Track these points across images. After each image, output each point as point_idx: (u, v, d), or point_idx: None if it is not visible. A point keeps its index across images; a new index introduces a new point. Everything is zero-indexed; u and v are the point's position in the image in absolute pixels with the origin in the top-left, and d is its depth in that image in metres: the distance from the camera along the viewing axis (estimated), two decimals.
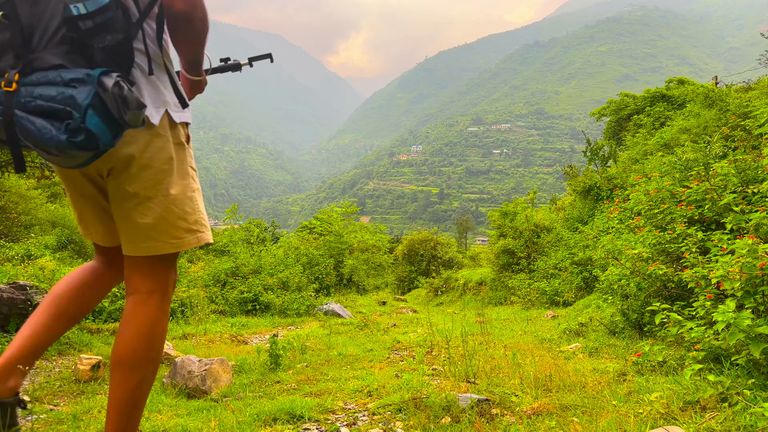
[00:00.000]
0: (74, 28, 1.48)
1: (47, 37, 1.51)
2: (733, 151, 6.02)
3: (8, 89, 1.45)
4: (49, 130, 1.41)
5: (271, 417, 2.96)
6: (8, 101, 1.44)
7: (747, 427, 2.35)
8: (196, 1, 1.70)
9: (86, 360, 4.03)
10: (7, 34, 1.49)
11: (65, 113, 1.41)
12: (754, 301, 3.19)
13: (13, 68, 1.48)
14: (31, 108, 1.43)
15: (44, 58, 1.49)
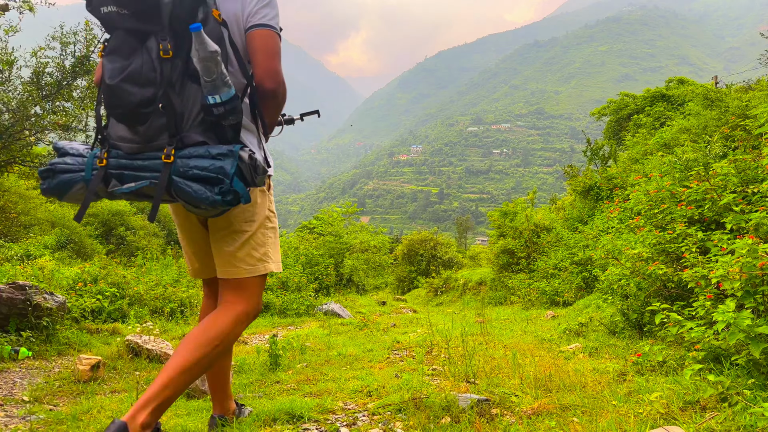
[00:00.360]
0: (210, 113, 1.96)
1: (191, 120, 1.99)
2: (733, 151, 6.02)
3: (167, 161, 1.91)
4: (204, 192, 1.86)
5: (270, 417, 2.96)
6: (167, 170, 1.90)
7: (747, 427, 2.35)
8: (279, 81, 2.18)
9: (86, 360, 4.03)
10: (164, 120, 1.95)
11: (217, 180, 1.86)
12: (754, 301, 3.18)
13: (169, 145, 1.94)
14: (188, 175, 1.89)
15: (190, 135, 1.98)
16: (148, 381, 4.01)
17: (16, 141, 6.84)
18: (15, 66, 6.73)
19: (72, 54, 7.02)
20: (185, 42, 1.96)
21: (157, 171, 1.93)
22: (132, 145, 2.01)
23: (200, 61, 1.91)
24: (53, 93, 6.87)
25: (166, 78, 1.94)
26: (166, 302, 7.82)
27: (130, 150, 2.01)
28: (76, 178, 2.02)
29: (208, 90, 1.94)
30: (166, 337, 6.09)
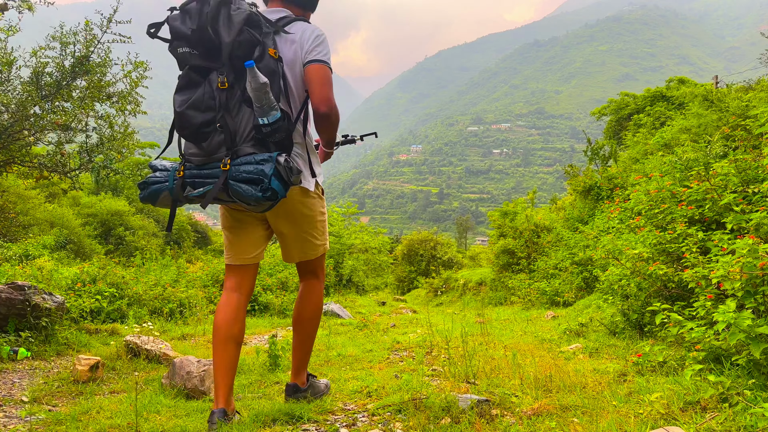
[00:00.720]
0: (259, 132, 2.46)
1: (244, 137, 2.49)
2: (733, 151, 6.01)
3: (224, 168, 2.42)
4: (250, 190, 2.35)
5: (270, 418, 2.95)
6: (224, 175, 2.41)
7: (747, 427, 2.34)
8: (332, 106, 2.63)
9: (84, 360, 4.02)
10: (222, 137, 2.47)
11: (259, 180, 2.35)
12: (755, 301, 3.18)
13: (226, 156, 2.46)
14: (239, 178, 2.38)
15: (243, 149, 2.49)
16: (147, 381, 4.00)
17: (15, 141, 6.84)
18: (14, 66, 6.72)
19: (72, 54, 7.00)
20: (243, 75, 2.45)
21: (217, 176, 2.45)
22: (199, 158, 2.55)
23: (252, 91, 2.40)
24: (53, 93, 6.86)
25: (223, 104, 2.45)
26: (165, 302, 7.81)
27: (198, 162, 2.55)
28: (163, 187, 2.57)
29: (259, 113, 2.44)
30: (165, 337, 6.08)
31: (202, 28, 2.42)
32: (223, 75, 2.45)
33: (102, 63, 7.16)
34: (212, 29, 2.42)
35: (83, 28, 7.03)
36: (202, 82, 2.48)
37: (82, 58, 7.01)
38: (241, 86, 2.47)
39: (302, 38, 2.68)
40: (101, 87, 7.21)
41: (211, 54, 2.47)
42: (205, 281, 10.01)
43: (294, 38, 2.67)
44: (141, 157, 28.75)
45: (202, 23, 2.42)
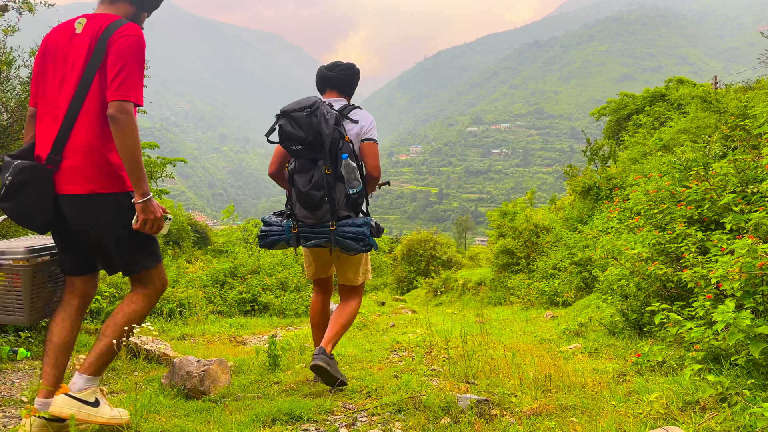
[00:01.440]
0: (349, 199, 3.41)
1: (341, 204, 3.41)
2: (732, 151, 6.02)
3: (332, 228, 3.36)
4: (354, 245, 3.35)
5: (270, 418, 2.95)
6: (333, 234, 3.36)
7: (746, 427, 2.35)
8: (380, 172, 3.61)
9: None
10: (328, 206, 3.36)
11: (361, 238, 3.35)
12: (754, 301, 3.18)
13: (331, 219, 3.38)
14: (345, 236, 3.35)
15: (341, 212, 3.42)
16: (146, 381, 4.01)
17: (14, 141, 6.83)
18: (13, 66, 6.71)
19: None
20: (337, 161, 3.37)
21: (326, 234, 3.41)
22: (312, 221, 3.47)
23: (346, 173, 3.36)
24: None
25: (329, 184, 3.34)
26: (164, 302, 7.82)
27: (311, 224, 3.47)
28: (281, 239, 3.58)
29: (348, 186, 3.38)
30: (165, 337, 6.09)
31: (315, 135, 3.29)
32: (326, 163, 3.33)
33: None
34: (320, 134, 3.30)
35: None
36: (313, 168, 3.36)
37: None
38: (337, 170, 3.38)
39: (363, 123, 3.59)
40: None
41: (316, 149, 3.33)
42: (205, 281, 10.01)
43: (356, 122, 3.58)
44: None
45: (314, 132, 3.29)
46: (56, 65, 2.56)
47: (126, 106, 2.44)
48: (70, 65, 2.52)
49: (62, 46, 2.57)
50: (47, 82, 2.57)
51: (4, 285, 2.67)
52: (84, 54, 2.50)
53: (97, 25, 2.54)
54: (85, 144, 2.50)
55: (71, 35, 2.56)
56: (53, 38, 2.63)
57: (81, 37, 2.53)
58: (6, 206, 2.47)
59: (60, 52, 2.57)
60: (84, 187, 2.50)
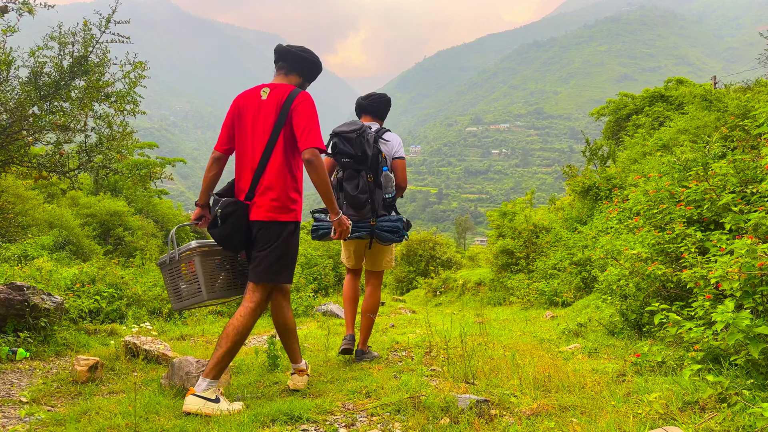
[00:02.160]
0: (385, 202, 4.32)
1: (379, 205, 4.26)
2: (731, 151, 6.01)
3: (372, 223, 4.25)
4: (391, 237, 4.31)
5: (269, 418, 2.95)
6: (372, 228, 4.26)
7: (746, 427, 2.35)
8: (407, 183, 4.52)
9: (83, 361, 4.01)
10: (369, 206, 4.21)
11: (396, 231, 4.32)
12: (753, 301, 3.18)
13: (372, 216, 4.25)
14: (383, 229, 4.28)
15: (379, 212, 4.28)
16: (146, 382, 4.00)
17: (13, 141, 6.82)
18: (12, 66, 6.71)
19: (70, 54, 6.99)
20: (377, 172, 4.26)
21: (368, 228, 4.28)
22: (356, 217, 4.26)
23: (385, 182, 4.32)
24: (51, 93, 6.85)
25: (370, 189, 4.21)
26: (164, 303, 7.81)
27: (355, 219, 4.25)
28: (330, 233, 4.18)
29: (385, 192, 4.32)
30: (164, 337, 6.08)
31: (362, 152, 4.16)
32: (368, 173, 4.22)
33: (100, 63, 7.15)
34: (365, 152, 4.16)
35: (82, 28, 7.01)
36: (358, 176, 4.20)
37: (80, 58, 7.00)
38: (376, 178, 4.26)
39: (393, 143, 4.48)
40: (100, 87, 7.19)
41: (362, 162, 4.19)
42: None
43: (388, 142, 4.45)
44: (140, 157, 28.73)
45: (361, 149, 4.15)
46: (249, 126, 3.42)
47: (316, 151, 3.30)
48: (260, 127, 3.38)
49: (252, 108, 3.43)
50: (243, 141, 3.44)
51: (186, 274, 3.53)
52: (272, 118, 3.36)
53: (279, 94, 3.41)
54: (271, 186, 3.34)
55: (259, 100, 3.43)
56: (244, 101, 3.49)
57: (267, 104, 3.40)
58: (214, 232, 3.40)
59: (251, 114, 3.42)
60: (261, 213, 3.34)
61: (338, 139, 4.20)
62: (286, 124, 3.34)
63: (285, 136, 3.35)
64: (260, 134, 3.36)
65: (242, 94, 3.53)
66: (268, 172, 3.33)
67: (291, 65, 3.63)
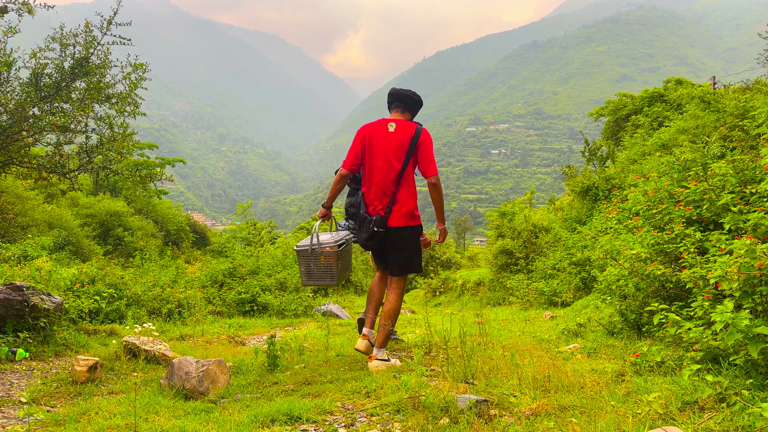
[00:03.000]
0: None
1: None
2: (731, 152, 6.02)
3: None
4: None
5: (269, 418, 2.95)
6: None
7: (745, 427, 2.35)
8: None
9: (83, 361, 4.02)
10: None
11: None
12: (752, 302, 3.19)
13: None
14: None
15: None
16: (145, 382, 4.01)
17: (14, 142, 6.82)
18: (13, 67, 6.71)
19: (71, 55, 6.99)
20: None
21: None
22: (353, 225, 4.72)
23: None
24: (52, 94, 6.85)
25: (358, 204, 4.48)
26: (163, 303, 7.81)
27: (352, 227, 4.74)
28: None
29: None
30: (164, 338, 6.08)
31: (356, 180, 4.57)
32: None
33: (101, 64, 7.15)
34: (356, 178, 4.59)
35: (83, 29, 7.02)
36: (356, 193, 4.55)
37: (81, 60, 7.00)
38: None
39: None
40: (100, 88, 7.20)
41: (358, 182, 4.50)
42: (204, 282, 10.00)
43: None
44: (140, 157, 28.73)
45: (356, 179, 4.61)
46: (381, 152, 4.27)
47: (438, 176, 4.30)
48: (392, 154, 4.25)
49: (382, 139, 4.29)
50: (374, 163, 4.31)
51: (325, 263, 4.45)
52: (404, 149, 4.24)
53: (406, 129, 4.28)
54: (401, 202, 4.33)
55: (387, 132, 4.29)
56: (373, 132, 4.33)
57: (396, 136, 4.26)
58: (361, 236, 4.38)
59: (381, 143, 4.28)
60: (403, 221, 4.33)
61: None
62: (414, 154, 4.25)
63: (411, 163, 4.29)
64: (393, 160, 4.24)
65: (369, 126, 4.38)
66: (401, 190, 4.30)
67: (406, 105, 4.47)
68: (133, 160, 25.60)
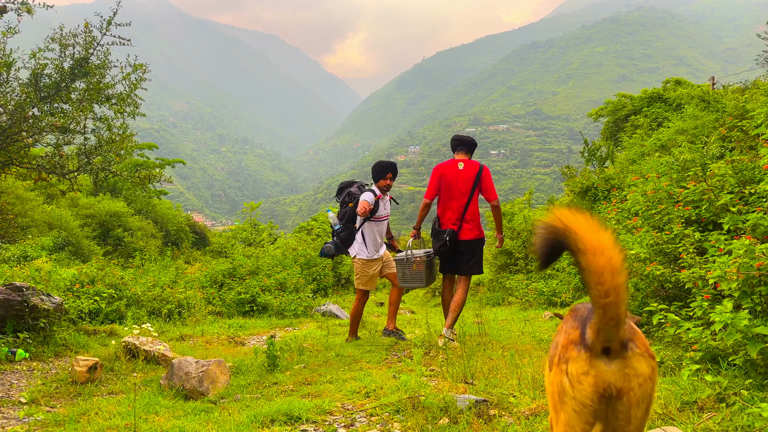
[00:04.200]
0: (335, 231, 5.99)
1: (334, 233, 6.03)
2: (730, 152, 6.03)
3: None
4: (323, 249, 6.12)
5: (268, 418, 2.95)
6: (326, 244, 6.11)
7: (744, 427, 2.36)
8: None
9: (83, 362, 4.02)
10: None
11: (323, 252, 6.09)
12: (752, 302, 3.19)
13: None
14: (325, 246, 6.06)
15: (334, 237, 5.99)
16: (145, 382, 4.01)
17: (13, 142, 6.82)
18: (13, 68, 6.71)
19: (71, 56, 6.99)
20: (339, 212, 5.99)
21: None
22: None
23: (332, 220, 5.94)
24: (51, 95, 6.85)
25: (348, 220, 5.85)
26: (163, 303, 7.81)
27: None
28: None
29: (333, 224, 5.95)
30: (164, 338, 6.08)
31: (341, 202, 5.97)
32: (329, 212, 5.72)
33: (101, 65, 7.14)
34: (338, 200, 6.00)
35: (82, 30, 7.01)
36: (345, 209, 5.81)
37: (81, 60, 7.00)
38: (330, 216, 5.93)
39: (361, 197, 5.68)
40: (100, 89, 7.19)
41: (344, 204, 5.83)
42: (204, 282, 10.00)
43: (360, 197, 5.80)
44: (139, 158, 28.71)
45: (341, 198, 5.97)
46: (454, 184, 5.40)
47: (498, 200, 5.51)
48: (462, 186, 5.38)
49: (454, 174, 5.43)
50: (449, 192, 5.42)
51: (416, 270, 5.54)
52: (471, 182, 5.38)
53: (471, 167, 5.45)
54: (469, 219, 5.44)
55: (457, 170, 5.43)
56: (447, 170, 5.47)
57: (464, 172, 5.42)
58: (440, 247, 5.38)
59: (453, 178, 5.41)
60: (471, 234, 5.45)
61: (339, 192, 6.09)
62: (478, 185, 5.41)
63: (476, 192, 5.43)
64: (463, 190, 5.38)
65: (443, 165, 5.52)
66: (468, 212, 5.43)
67: (467, 148, 5.60)
68: (132, 160, 25.58)
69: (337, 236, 5.76)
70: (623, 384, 1.48)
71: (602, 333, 1.46)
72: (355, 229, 5.73)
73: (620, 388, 1.48)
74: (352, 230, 5.72)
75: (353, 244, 5.77)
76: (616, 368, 1.48)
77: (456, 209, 5.41)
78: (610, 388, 1.48)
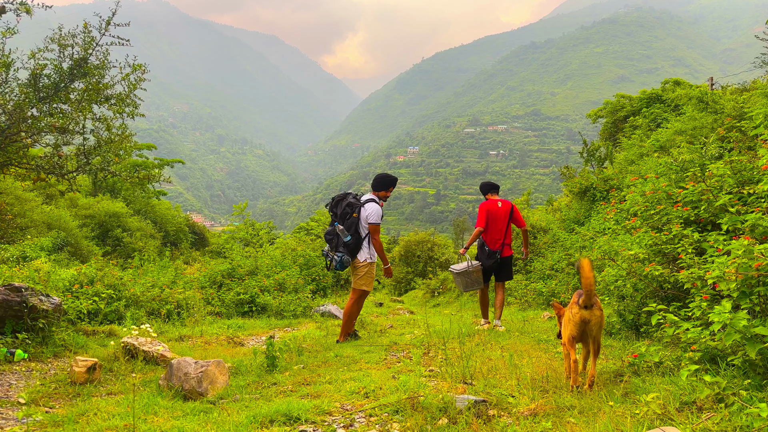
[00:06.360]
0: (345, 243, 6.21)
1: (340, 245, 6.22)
2: (728, 153, 6.03)
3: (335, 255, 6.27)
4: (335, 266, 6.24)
5: (267, 419, 2.95)
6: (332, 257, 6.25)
7: (743, 427, 2.36)
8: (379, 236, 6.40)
9: (82, 362, 4.02)
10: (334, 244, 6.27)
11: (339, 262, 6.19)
12: (750, 302, 3.19)
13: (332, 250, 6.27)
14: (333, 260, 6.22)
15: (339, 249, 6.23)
16: (144, 383, 4.00)
17: (12, 143, 6.81)
18: (12, 68, 6.70)
19: (70, 56, 6.99)
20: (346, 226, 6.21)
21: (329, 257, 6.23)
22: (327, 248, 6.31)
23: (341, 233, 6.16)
24: (50, 95, 6.84)
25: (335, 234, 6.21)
26: (162, 304, 7.81)
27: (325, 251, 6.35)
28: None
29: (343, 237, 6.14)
30: (163, 338, 6.08)
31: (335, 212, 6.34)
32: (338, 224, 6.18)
33: (100, 65, 7.14)
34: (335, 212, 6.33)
35: (81, 30, 7.01)
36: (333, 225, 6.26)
37: (80, 61, 6.99)
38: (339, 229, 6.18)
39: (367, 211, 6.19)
40: (99, 89, 7.19)
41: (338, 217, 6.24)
42: (203, 283, 10.00)
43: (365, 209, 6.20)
44: (138, 158, 28.70)
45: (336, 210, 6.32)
46: (498, 218, 7.02)
47: (526, 226, 7.58)
48: (502, 219, 7.03)
49: (496, 211, 7.03)
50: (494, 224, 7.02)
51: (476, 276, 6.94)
52: (507, 215, 7.05)
53: (506, 204, 7.12)
54: (508, 243, 7.09)
55: (497, 207, 7.04)
56: (491, 206, 7.07)
57: (502, 209, 7.05)
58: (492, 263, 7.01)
59: (495, 212, 7.02)
60: (509, 252, 7.11)
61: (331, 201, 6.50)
62: (511, 217, 7.08)
63: (511, 222, 7.10)
64: (502, 222, 7.02)
65: (487, 203, 7.13)
66: (506, 237, 7.04)
67: (496, 190, 7.39)
68: (131, 160, 25.56)
69: (345, 246, 6.15)
70: (590, 318, 3.45)
71: (584, 300, 3.45)
72: (361, 238, 6.21)
73: (590, 319, 3.46)
74: (358, 239, 6.17)
75: (361, 250, 6.23)
76: (588, 313, 3.45)
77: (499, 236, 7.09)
78: (586, 319, 3.46)
